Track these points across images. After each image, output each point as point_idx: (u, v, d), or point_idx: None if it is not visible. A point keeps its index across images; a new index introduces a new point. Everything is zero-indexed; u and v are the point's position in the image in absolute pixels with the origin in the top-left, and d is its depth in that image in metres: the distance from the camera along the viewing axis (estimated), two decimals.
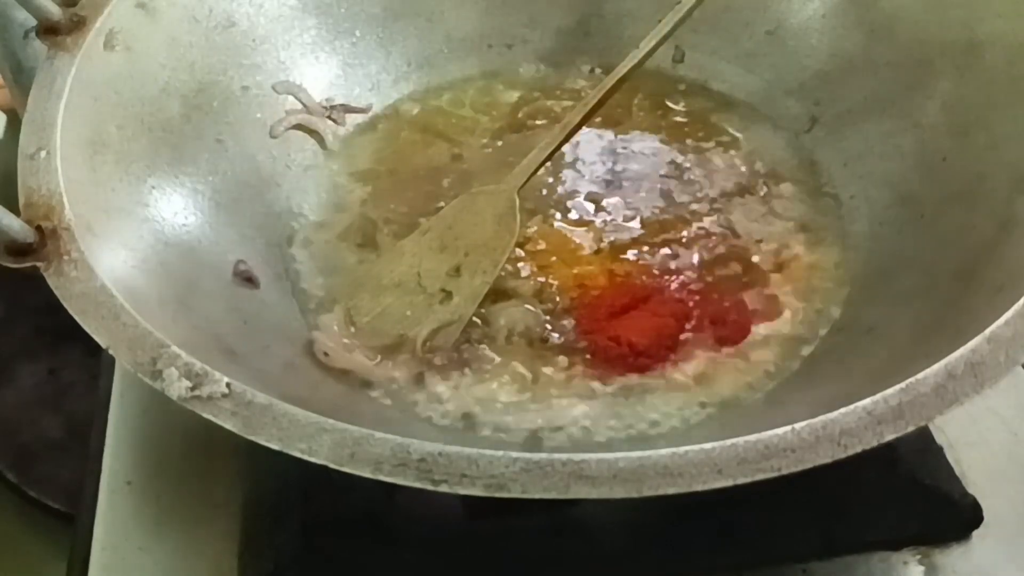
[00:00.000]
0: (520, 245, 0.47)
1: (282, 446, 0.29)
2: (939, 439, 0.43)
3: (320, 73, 0.54)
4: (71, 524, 0.45)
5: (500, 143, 0.54)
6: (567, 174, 0.52)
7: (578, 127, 0.50)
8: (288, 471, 0.41)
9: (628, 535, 0.40)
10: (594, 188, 0.51)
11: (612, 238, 0.48)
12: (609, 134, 0.54)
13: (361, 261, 0.48)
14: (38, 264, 0.35)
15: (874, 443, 0.29)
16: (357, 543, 0.40)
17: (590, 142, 0.53)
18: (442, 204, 0.50)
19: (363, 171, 0.53)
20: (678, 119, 0.55)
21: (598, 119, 0.53)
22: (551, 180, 0.51)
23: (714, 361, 0.43)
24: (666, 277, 0.46)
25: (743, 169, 0.52)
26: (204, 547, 0.42)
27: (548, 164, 0.50)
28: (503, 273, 0.46)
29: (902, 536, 0.41)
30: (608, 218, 0.49)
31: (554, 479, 0.28)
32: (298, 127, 0.53)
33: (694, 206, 0.50)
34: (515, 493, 0.28)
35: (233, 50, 0.51)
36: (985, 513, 0.41)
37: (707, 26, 0.55)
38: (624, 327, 0.44)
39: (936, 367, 0.31)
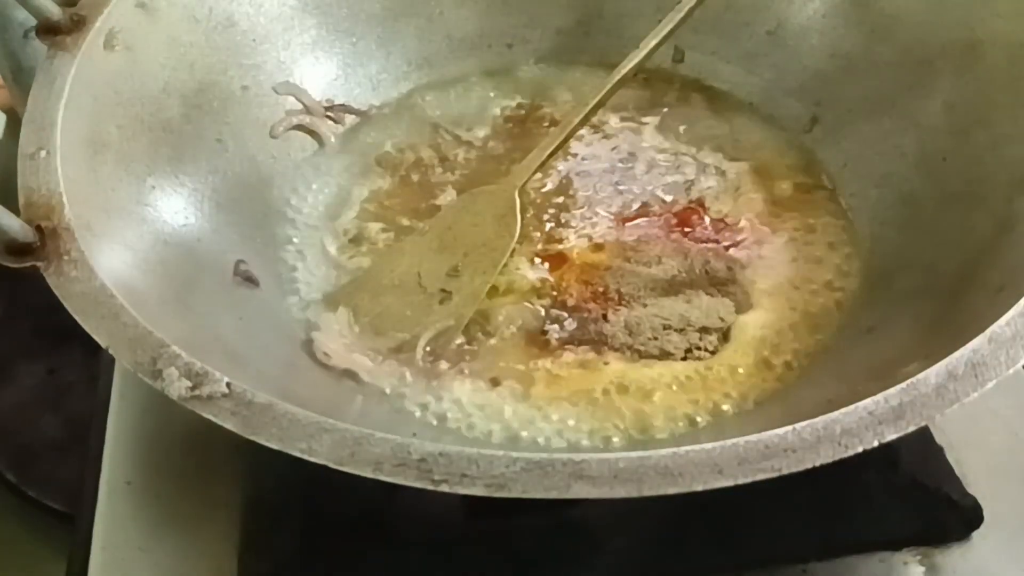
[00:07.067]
0: (519, 243, 0.47)
1: (282, 446, 0.29)
2: (939, 439, 0.43)
3: (320, 73, 0.54)
4: (71, 524, 0.44)
5: (500, 143, 0.54)
6: (567, 173, 0.52)
7: (578, 127, 0.50)
8: (288, 471, 0.41)
9: (628, 535, 0.40)
10: (594, 186, 0.51)
11: (611, 235, 0.48)
12: (610, 133, 0.54)
13: (361, 261, 0.48)
14: (38, 264, 0.35)
15: (874, 443, 0.29)
16: (357, 543, 0.40)
17: (590, 142, 0.53)
18: (442, 204, 0.50)
19: (363, 171, 0.53)
20: (678, 120, 0.55)
21: (599, 119, 0.53)
22: (550, 179, 0.51)
23: (713, 361, 0.43)
24: (665, 275, 0.46)
25: (743, 169, 0.52)
26: (204, 547, 0.42)
27: (548, 164, 0.50)
28: (502, 271, 0.46)
29: (902, 536, 0.41)
30: (607, 216, 0.49)
31: (554, 479, 0.28)
32: (298, 127, 0.53)
33: (694, 205, 0.50)
34: (515, 493, 0.28)
35: (233, 50, 0.51)
36: (985, 513, 0.41)
37: (707, 26, 0.55)
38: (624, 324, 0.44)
39: (937, 367, 0.31)
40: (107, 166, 0.42)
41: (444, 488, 0.28)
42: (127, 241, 0.40)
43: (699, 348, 0.43)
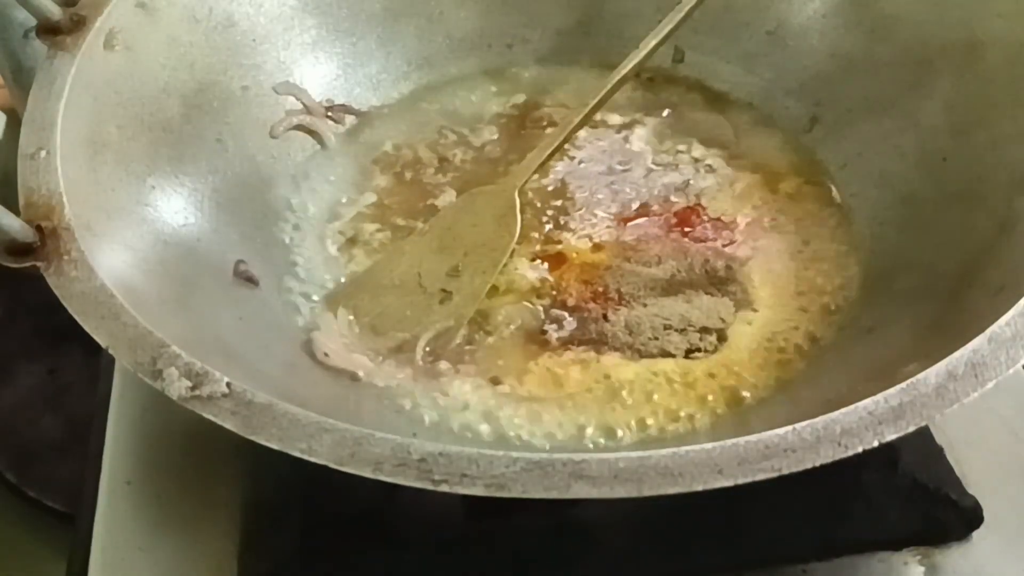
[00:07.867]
0: (518, 244, 0.47)
1: (282, 446, 0.29)
2: (939, 439, 0.43)
3: (320, 73, 0.55)
4: (71, 524, 0.44)
5: (499, 143, 0.54)
6: (566, 174, 0.52)
7: (578, 127, 0.50)
8: (288, 471, 0.41)
9: (628, 535, 0.40)
10: (593, 187, 0.51)
11: (611, 235, 0.48)
12: (608, 134, 0.54)
13: (361, 261, 0.48)
14: (38, 264, 0.35)
15: (874, 443, 0.29)
16: (357, 543, 0.40)
17: (589, 142, 0.53)
18: (441, 204, 0.50)
19: (363, 171, 0.53)
20: (678, 120, 0.55)
21: (597, 119, 0.53)
22: (550, 180, 0.51)
23: (713, 361, 0.43)
24: (665, 275, 0.46)
25: (742, 169, 0.52)
26: (204, 547, 0.42)
27: (547, 164, 0.50)
28: (502, 271, 0.46)
29: (902, 536, 0.41)
30: (607, 216, 0.49)
31: (554, 479, 0.28)
32: (298, 127, 0.53)
33: (693, 205, 0.50)
34: (515, 493, 0.28)
35: (233, 50, 0.51)
36: (985, 513, 0.41)
37: (707, 26, 0.55)
38: (624, 324, 0.44)
39: (937, 367, 0.31)
40: (107, 166, 0.42)
41: (444, 488, 0.28)
42: (127, 241, 0.40)
43: (699, 348, 0.43)
